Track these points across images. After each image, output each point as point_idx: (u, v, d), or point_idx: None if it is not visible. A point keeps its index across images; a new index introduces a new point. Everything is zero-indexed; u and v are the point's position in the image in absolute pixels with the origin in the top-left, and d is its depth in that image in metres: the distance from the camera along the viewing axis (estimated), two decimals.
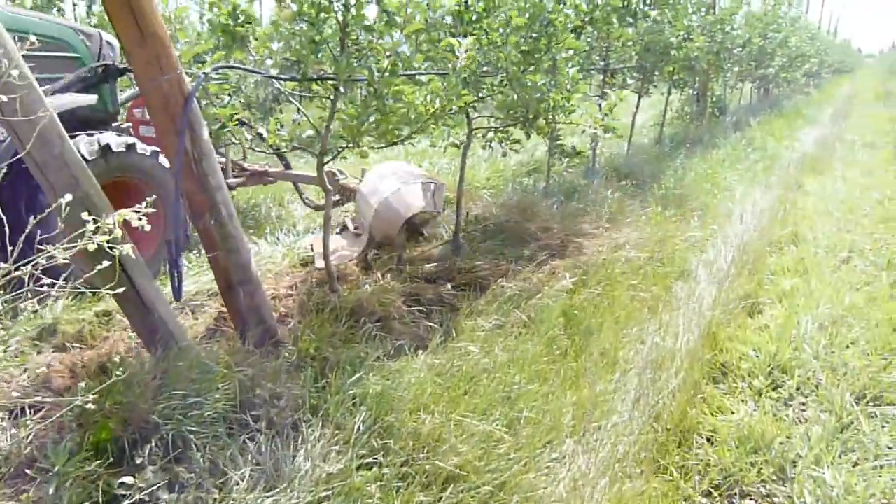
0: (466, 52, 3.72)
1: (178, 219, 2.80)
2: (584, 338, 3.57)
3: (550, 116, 4.65)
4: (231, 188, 5.53)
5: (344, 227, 5.19)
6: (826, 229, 5.84)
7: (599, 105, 7.12)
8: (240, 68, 3.11)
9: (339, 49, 3.45)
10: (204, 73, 2.89)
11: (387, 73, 3.30)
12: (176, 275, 2.79)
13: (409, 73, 3.46)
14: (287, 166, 5.63)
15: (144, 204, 1.76)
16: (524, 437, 2.66)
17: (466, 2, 4.52)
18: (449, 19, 4.46)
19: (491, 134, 5.34)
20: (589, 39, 5.97)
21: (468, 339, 3.43)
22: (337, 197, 4.74)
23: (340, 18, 3.41)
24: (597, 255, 4.82)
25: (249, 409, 2.74)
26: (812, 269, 4.78)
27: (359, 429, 2.60)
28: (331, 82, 3.57)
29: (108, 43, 4.40)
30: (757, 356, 3.53)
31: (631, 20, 6.79)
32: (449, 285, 4.29)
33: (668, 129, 10.92)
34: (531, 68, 4.62)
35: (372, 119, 3.42)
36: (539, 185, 6.67)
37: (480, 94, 4.76)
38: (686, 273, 4.63)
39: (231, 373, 2.81)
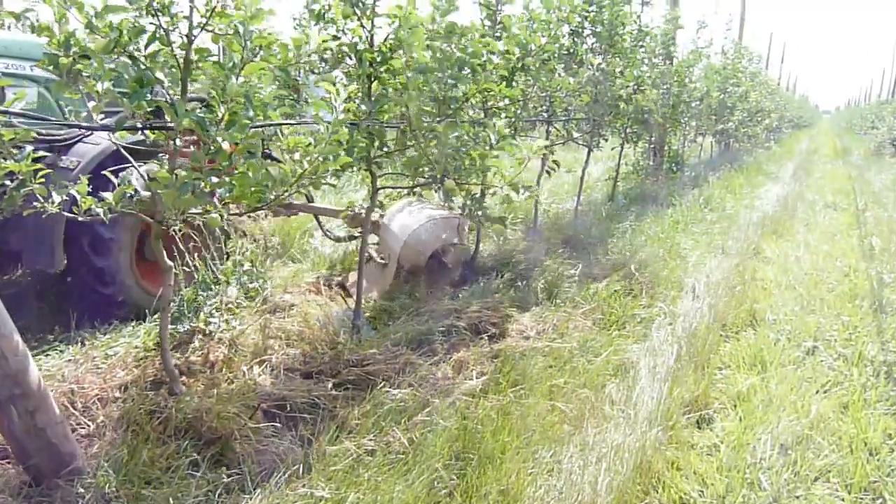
0: (346, 102, 2.97)
1: None
2: (481, 469, 2.75)
3: (461, 177, 3.89)
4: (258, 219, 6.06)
5: (370, 258, 5.25)
6: (788, 308, 5.16)
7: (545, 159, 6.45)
8: (17, 114, 2.30)
9: (179, 91, 2.69)
10: None
11: (222, 126, 2.52)
12: None
13: (260, 125, 2.70)
14: (309, 199, 5.63)
15: None
16: None
17: (371, 40, 3.82)
18: (351, 58, 3.77)
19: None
20: (524, 88, 5.29)
21: (323, 475, 2.59)
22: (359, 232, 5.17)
23: (182, 53, 2.67)
24: (518, 343, 4.03)
25: None
26: (772, 363, 4.05)
27: None
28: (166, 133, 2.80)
29: None
30: (702, 497, 2.75)
31: (576, 67, 6.16)
32: (330, 384, 3.46)
33: (623, 183, 10.33)
34: (444, 119, 3.92)
35: (207, 182, 2.62)
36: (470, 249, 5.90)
37: (385, 149, 4.02)
38: (624, 368, 3.86)
39: None
